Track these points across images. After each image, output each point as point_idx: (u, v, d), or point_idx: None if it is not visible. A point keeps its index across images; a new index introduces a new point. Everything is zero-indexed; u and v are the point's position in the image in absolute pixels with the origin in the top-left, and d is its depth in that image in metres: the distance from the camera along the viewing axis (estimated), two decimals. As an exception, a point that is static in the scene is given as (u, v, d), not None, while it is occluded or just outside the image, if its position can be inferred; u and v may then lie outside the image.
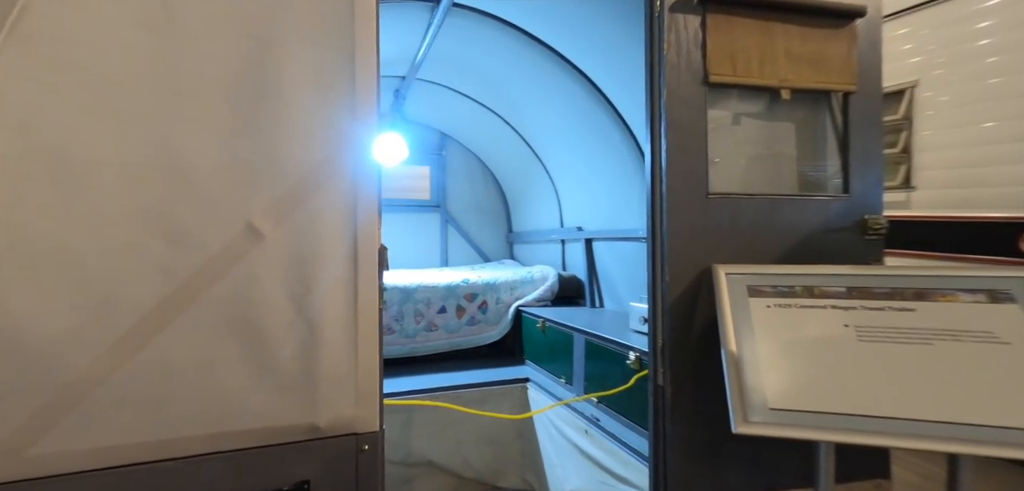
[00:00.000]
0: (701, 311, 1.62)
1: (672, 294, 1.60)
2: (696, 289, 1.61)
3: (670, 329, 1.60)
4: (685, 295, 1.61)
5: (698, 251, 1.63)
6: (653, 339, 1.66)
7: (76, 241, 1.07)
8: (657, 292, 1.64)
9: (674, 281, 1.60)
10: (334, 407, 1.26)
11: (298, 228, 1.23)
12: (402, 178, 5.33)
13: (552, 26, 3.13)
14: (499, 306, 3.80)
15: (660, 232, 1.63)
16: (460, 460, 3.18)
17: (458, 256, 5.48)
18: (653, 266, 1.66)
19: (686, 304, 1.60)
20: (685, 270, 1.61)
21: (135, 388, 1.10)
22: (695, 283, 1.62)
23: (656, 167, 1.66)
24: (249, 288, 1.19)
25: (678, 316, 1.60)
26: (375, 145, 1.31)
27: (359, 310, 1.28)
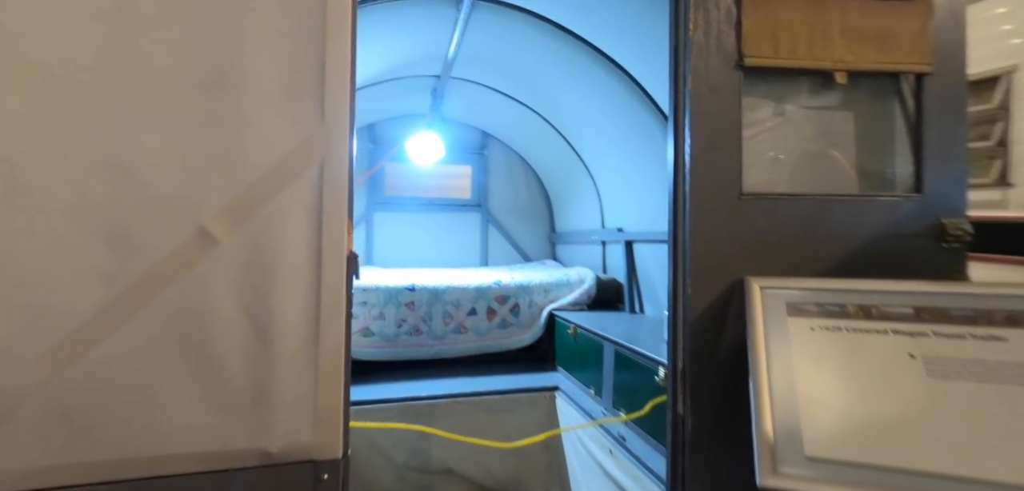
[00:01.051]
0: (730, 331, 1.37)
1: (695, 309, 1.36)
2: (724, 304, 1.37)
3: (692, 350, 1.36)
4: (711, 311, 1.37)
5: (727, 260, 1.38)
6: (673, 361, 1.43)
7: (7, 242, 1.00)
8: (678, 307, 1.41)
9: (698, 294, 1.37)
10: (289, 432, 1.14)
11: (256, 233, 1.12)
12: (442, 177, 5.26)
13: (584, 17, 2.92)
14: (532, 309, 3.62)
15: (682, 238, 1.39)
16: (481, 469, 3.04)
17: (499, 256, 5.35)
18: (674, 277, 1.43)
19: (712, 321, 1.36)
20: (711, 282, 1.37)
21: (70, 405, 1.02)
22: (723, 297, 1.37)
23: (678, 163, 1.43)
24: (198, 298, 1.09)
25: (702, 335, 1.36)
26: (347, 144, 1.17)
27: (321, 324, 1.15)
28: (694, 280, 1.36)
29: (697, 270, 1.36)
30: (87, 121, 1.04)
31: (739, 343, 1.32)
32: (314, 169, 1.14)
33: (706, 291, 1.36)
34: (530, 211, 5.45)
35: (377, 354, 3.35)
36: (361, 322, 3.34)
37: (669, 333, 1.43)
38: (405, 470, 2.94)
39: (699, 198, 1.37)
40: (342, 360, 1.18)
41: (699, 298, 1.36)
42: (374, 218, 5.00)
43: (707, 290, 1.36)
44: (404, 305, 3.42)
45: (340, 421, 1.18)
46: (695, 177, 1.37)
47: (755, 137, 1.49)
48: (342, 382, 1.18)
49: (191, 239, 1.08)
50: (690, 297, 1.35)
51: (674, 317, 1.42)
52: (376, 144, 4.94)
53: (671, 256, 1.43)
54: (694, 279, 1.36)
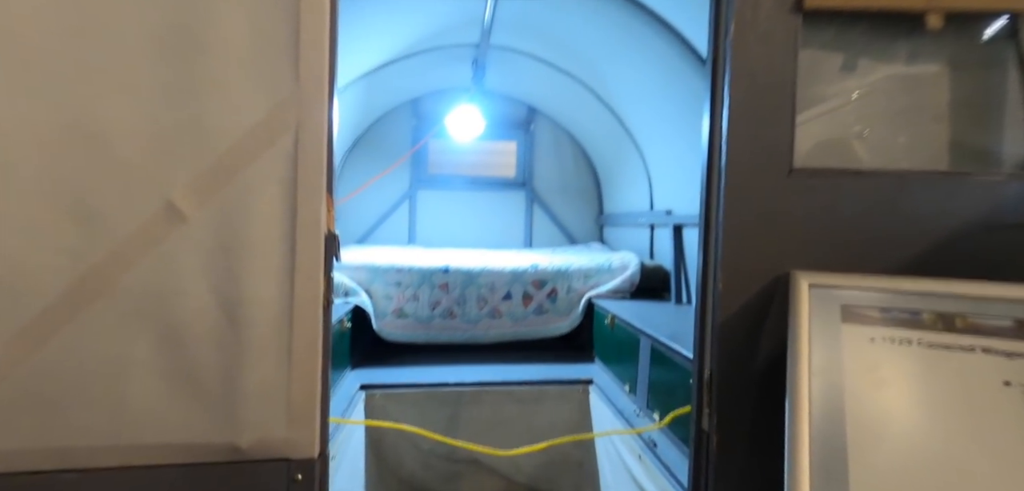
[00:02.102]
0: (770, 335, 1.15)
1: (726, 308, 1.15)
2: (763, 303, 1.15)
3: (721, 356, 1.16)
4: (746, 311, 1.15)
5: (770, 250, 1.16)
6: (698, 367, 1.23)
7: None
8: (707, 304, 1.20)
9: (730, 290, 1.16)
10: (260, 426, 1.05)
11: (225, 209, 1.03)
12: (485, 154, 5.14)
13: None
14: (570, 295, 3.45)
15: (715, 222, 1.18)
16: (509, 462, 2.93)
17: (543, 237, 5.18)
18: (703, 268, 1.22)
19: (746, 323, 1.15)
20: (748, 275, 1.16)
21: (36, 388, 0.98)
22: (763, 295, 1.15)
23: (714, 131, 1.21)
24: (166, 278, 1.01)
25: (734, 339, 1.16)
26: (326, 110, 1.06)
27: (296, 310, 1.05)
28: (727, 273, 1.14)
29: (731, 261, 1.15)
30: (50, 85, 0.98)
31: (780, 351, 1.11)
32: (288, 138, 1.03)
33: (741, 286, 1.15)
34: (577, 191, 5.23)
35: (410, 336, 3.31)
36: (395, 303, 3.30)
37: (695, 334, 1.23)
38: (430, 457, 2.88)
39: (737, 174, 1.15)
40: (319, 352, 1.07)
41: (732, 294, 1.15)
42: (417, 196, 4.97)
43: (742, 285, 1.15)
44: (438, 287, 3.35)
45: (316, 418, 1.08)
46: (733, 148, 1.15)
47: (814, 99, 1.24)
48: (319, 376, 1.08)
49: (158, 214, 1.01)
50: (721, 293, 1.14)
51: (702, 316, 1.21)
52: (419, 119, 4.87)
53: (701, 244, 1.22)
54: (727, 271, 1.14)
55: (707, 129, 1.23)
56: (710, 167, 1.20)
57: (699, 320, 1.22)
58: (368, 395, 2.77)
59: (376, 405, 2.79)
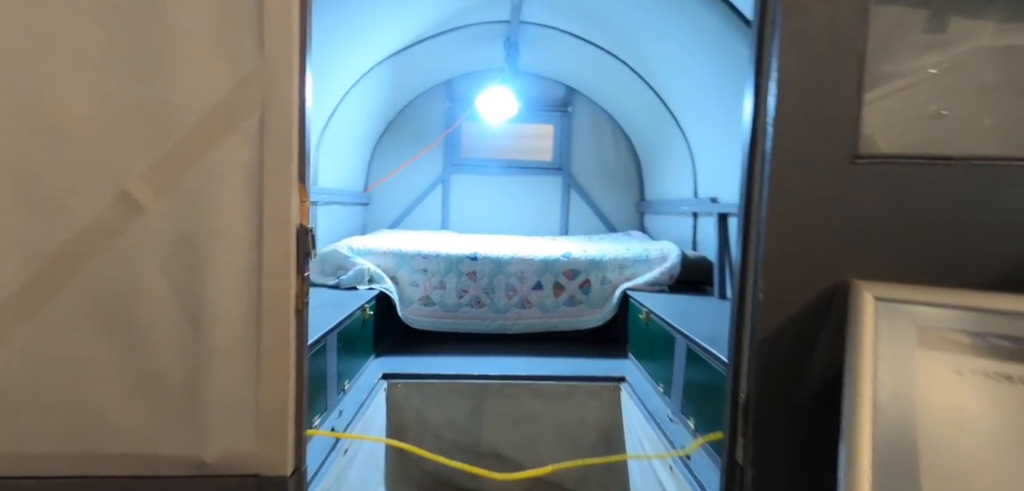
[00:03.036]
0: (822, 356, 0.95)
1: (768, 321, 0.96)
2: (814, 317, 0.95)
3: (760, 378, 0.97)
4: (793, 326, 0.95)
5: (825, 251, 0.95)
6: (732, 389, 1.04)
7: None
8: (744, 315, 1.01)
9: (774, 300, 0.96)
10: (226, 439, 0.95)
11: (186, 199, 0.92)
12: (521, 137, 4.97)
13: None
14: (604, 287, 3.26)
15: (756, 216, 0.98)
16: (534, 458, 2.79)
17: (580, 224, 4.98)
18: (742, 272, 1.02)
19: (792, 340, 0.95)
20: (796, 282, 0.95)
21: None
22: (814, 307, 0.95)
23: (759, 108, 1.00)
24: (125, 275, 0.92)
25: (776, 359, 0.96)
26: (296, 86, 0.93)
27: (264, 312, 0.94)
28: (770, 278, 0.95)
29: (776, 264, 0.95)
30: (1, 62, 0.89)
31: (834, 377, 0.91)
32: (253, 119, 0.91)
33: (787, 295, 0.95)
34: (617, 176, 4.98)
35: (437, 325, 3.21)
36: (421, 291, 3.21)
37: (730, 349, 1.04)
38: (453, 449, 2.78)
39: (786, 159, 0.94)
40: (291, 359, 0.96)
41: (776, 305, 0.95)
42: (450, 180, 4.86)
43: (789, 294, 0.95)
44: (465, 275, 3.23)
45: (289, 431, 0.97)
46: (782, 127, 0.94)
47: (887, 68, 1.00)
48: (291, 386, 0.96)
49: (114, 204, 0.91)
50: (762, 302, 0.95)
51: (738, 328, 1.02)
52: (453, 102, 4.75)
53: (740, 241, 1.03)
54: (770, 277, 0.94)
55: (750, 106, 1.02)
56: (753, 151, 0.99)
57: (734, 333, 1.03)
58: (390, 384, 2.70)
59: (398, 394, 2.71)
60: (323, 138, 3.42)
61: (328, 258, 3.11)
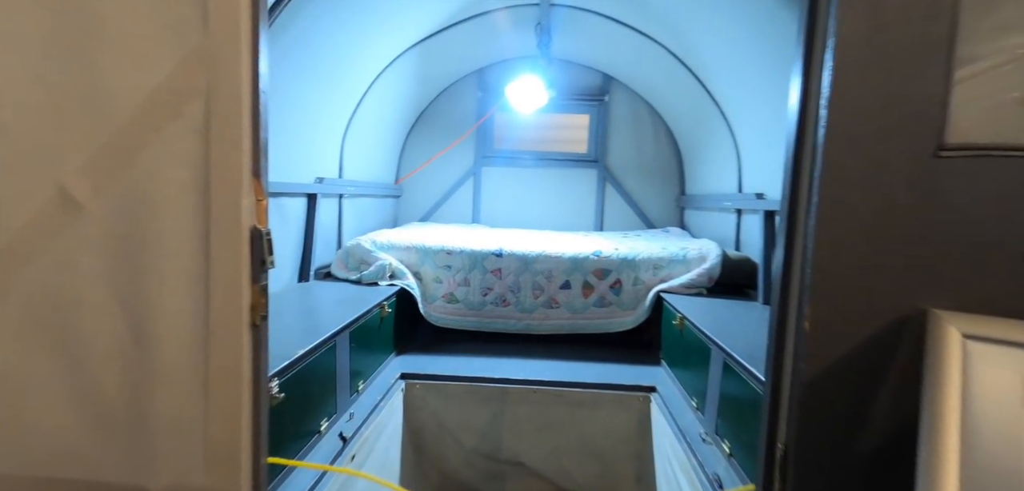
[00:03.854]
0: (886, 407, 0.74)
1: (814, 357, 0.76)
2: (877, 355, 0.74)
3: (803, 427, 0.77)
4: (847, 364, 0.75)
5: (893, 270, 0.74)
6: (768, 436, 0.84)
7: None
8: (784, 347, 0.82)
9: (823, 331, 0.76)
10: (173, 468, 0.84)
11: (127, 198, 0.81)
12: (555, 128, 4.77)
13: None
14: (637, 288, 3.05)
15: (803, 223, 0.79)
16: (558, 469, 2.64)
17: (616, 220, 4.75)
18: (782, 293, 0.83)
19: (846, 383, 0.75)
20: (852, 309, 0.75)
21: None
22: (877, 342, 0.74)
23: (809, 88, 0.80)
24: (64, 281, 0.82)
25: (825, 404, 0.76)
26: (248, 65, 0.80)
27: (212, 328, 0.82)
28: (818, 303, 0.75)
29: (827, 286, 0.75)
30: None
31: (902, 431, 0.70)
32: (197, 105, 0.79)
33: (841, 325, 0.75)
34: (656, 169, 4.72)
35: (460, 323, 3.09)
36: (445, 287, 3.10)
37: (767, 389, 0.85)
38: (473, 455, 2.67)
39: (842, 151, 0.74)
40: (244, 380, 0.84)
41: (827, 337, 0.75)
42: (482, 173, 4.73)
43: (844, 324, 0.75)
44: (490, 272, 3.09)
45: (243, 461, 0.85)
46: (840, 111, 0.74)
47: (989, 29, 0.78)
48: (245, 410, 0.84)
49: (52, 201, 0.81)
50: (808, 335, 0.75)
51: (776, 363, 0.83)
52: (485, 91, 4.60)
53: (783, 254, 0.83)
54: (818, 301, 0.75)
55: (798, 85, 0.82)
56: (800, 142, 0.80)
57: (772, 367, 0.84)
58: (408, 385, 2.60)
59: (416, 396, 2.61)
60: (349, 129, 3.35)
61: (352, 252, 3.04)
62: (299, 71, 2.44)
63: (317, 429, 1.85)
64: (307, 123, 2.75)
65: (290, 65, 2.34)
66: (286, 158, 2.59)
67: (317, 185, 2.90)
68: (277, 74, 2.27)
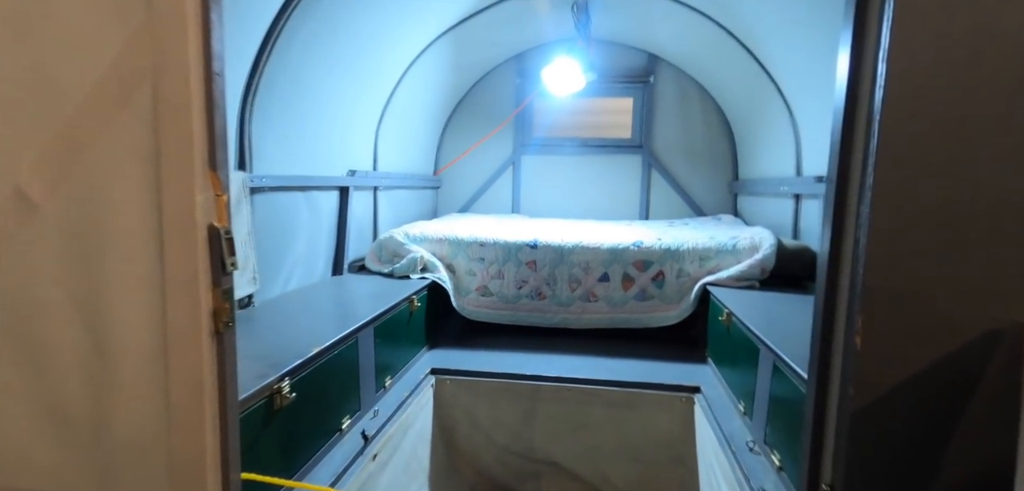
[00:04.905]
0: (966, 443, 0.57)
1: (866, 383, 0.60)
2: (954, 380, 0.57)
3: (852, 465, 0.61)
4: (913, 393, 0.59)
5: (976, 278, 0.57)
6: (811, 474, 0.69)
7: None
8: (830, 369, 0.65)
9: (879, 349, 0.60)
10: (138, 484, 0.79)
11: (79, 194, 0.76)
12: (597, 113, 4.58)
13: None
14: (681, 280, 2.84)
15: (852, 218, 0.62)
16: (595, 471, 2.50)
17: (663, 207, 4.51)
18: (826, 300, 0.67)
19: (911, 414, 0.59)
20: (919, 324, 0.58)
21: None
22: (955, 365, 0.57)
23: (862, 39, 0.63)
24: (23, 283, 0.79)
25: (880, 439, 0.60)
26: (199, 46, 0.72)
27: (169, 338, 0.75)
28: (873, 316, 0.59)
29: (883, 294, 0.59)
30: None
31: (989, 480, 0.53)
32: (144, 91, 0.72)
33: (904, 343, 0.58)
34: (706, 152, 4.43)
35: (494, 317, 3.01)
36: (478, 280, 3.01)
37: (809, 418, 0.69)
38: (506, 453, 2.58)
39: (906, 118, 0.57)
40: (206, 394, 0.77)
41: (882, 359, 0.59)
42: (521, 162, 4.61)
43: (907, 341, 0.58)
44: (525, 264, 2.98)
45: (210, 479, 0.78)
46: (902, 71, 0.57)
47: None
48: (209, 425, 0.78)
49: (8, 201, 0.77)
50: (858, 353, 0.59)
51: (820, 387, 0.67)
52: (523, 78, 4.47)
53: (829, 251, 0.67)
54: (873, 314, 0.59)
55: (850, 37, 0.65)
56: (851, 106, 0.63)
57: (815, 394, 0.68)
58: (438, 381, 2.54)
59: (446, 392, 2.55)
60: (382, 120, 3.32)
61: (385, 244, 3.01)
62: (325, 60, 2.41)
63: (338, 427, 1.81)
64: (338, 114, 2.72)
65: (314, 54, 2.30)
66: (316, 151, 2.57)
67: (349, 178, 2.88)
68: (301, 64, 2.24)
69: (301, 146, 2.43)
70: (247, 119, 2.02)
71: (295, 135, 2.37)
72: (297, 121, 2.37)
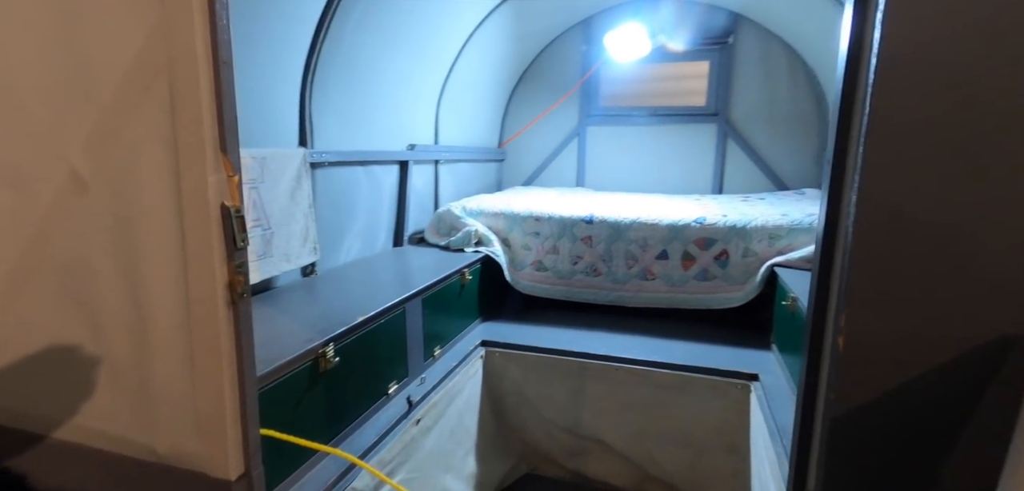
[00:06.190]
0: (962, 463, 0.50)
1: (846, 389, 0.54)
2: (950, 393, 0.50)
3: (829, 473, 0.56)
4: (895, 403, 0.52)
5: (978, 273, 0.49)
6: (797, 475, 0.63)
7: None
8: (819, 369, 0.59)
9: (861, 352, 0.53)
10: (173, 433, 0.90)
11: (117, 176, 0.86)
12: (668, 79, 4.34)
13: None
14: (747, 260, 2.67)
15: (846, 200, 0.55)
16: (643, 453, 2.46)
17: (738, 181, 4.23)
18: (819, 293, 0.60)
19: (894, 428, 0.52)
20: (906, 327, 0.51)
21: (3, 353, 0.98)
22: (949, 372, 0.50)
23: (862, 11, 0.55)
24: (80, 254, 0.91)
25: (860, 452, 0.54)
26: (206, 36, 0.78)
27: (190, 305, 0.84)
28: (854, 316, 0.52)
29: (866, 290, 0.52)
30: None
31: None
32: (163, 80, 0.79)
33: (888, 349, 0.51)
34: (792, 119, 4.07)
35: (549, 292, 3.00)
36: (533, 254, 3.02)
37: (796, 420, 0.63)
38: (553, 428, 2.60)
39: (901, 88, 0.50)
40: (224, 357, 0.85)
41: (864, 364, 0.52)
42: (586, 133, 4.50)
43: (891, 347, 0.51)
44: (580, 239, 2.94)
45: (231, 433, 0.87)
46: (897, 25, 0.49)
47: None
48: (231, 384, 0.86)
49: (66, 182, 0.89)
50: (841, 357, 0.53)
51: (808, 390, 0.61)
52: (590, 44, 4.32)
53: (822, 245, 0.60)
54: (854, 314, 0.52)
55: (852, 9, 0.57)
56: (850, 78, 0.55)
57: (804, 393, 0.62)
58: (487, 353, 2.60)
59: (495, 363, 2.61)
60: (443, 93, 3.38)
61: (442, 217, 3.10)
62: (380, 38, 2.48)
63: (384, 392, 1.92)
64: (396, 89, 2.81)
65: (370, 31, 2.38)
66: (376, 126, 2.68)
67: (408, 152, 2.97)
68: (357, 42, 2.33)
69: (361, 122, 2.54)
70: (307, 98, 2.14)
71: (355, 111, 2.48)
72: (356, 98, 2.47)
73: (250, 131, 1.94)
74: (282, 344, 1.47)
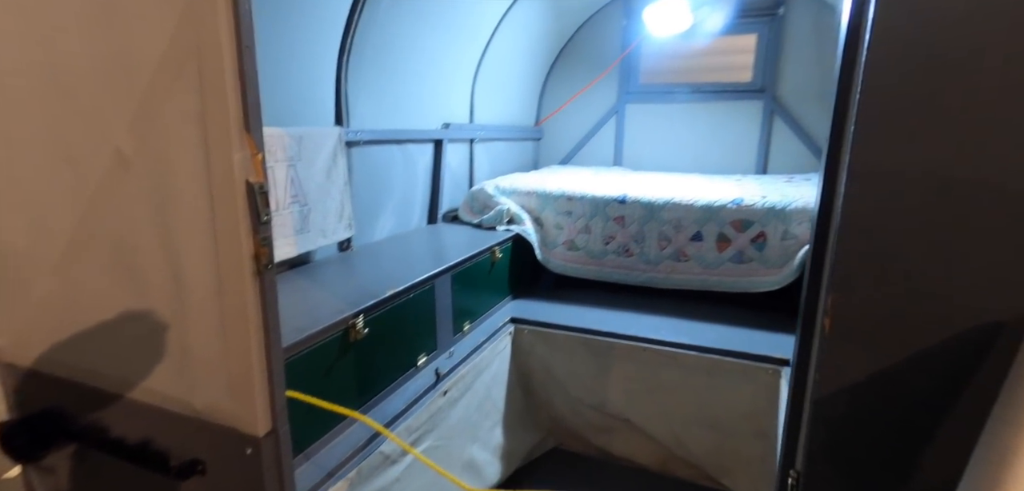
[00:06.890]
0: (945, 452, 0.49)
1: (829, 370, 0.54)
2: (935, 379, 0.49)
3: (813, 454, 0.56)
4: (880, 387, 0.51)
5: (969, 256, 0.47)
6: (784, 457, 0.63)
7: (16, 169, 1.08)
8: (810, 349, 0.59)
9: (847, 333, 0.53)
10: (209, 391, 0.98)
11: (155, 154, 0.93)
12: (710, 54, 4.19)
13: None
14: (786, 242, 2.59)
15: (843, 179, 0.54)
16: (669, 434, 2.45)
17: (784, 160, 4.07)
18: (813, 272, 0.60)
19: (877, 413, 0.52)
20: (892, 311, 0.50)
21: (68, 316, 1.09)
22: (935, 358, 0.49)
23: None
24: (127, 228, 0.99)
25: (843, 435, 0.54)
26: (228, 21, 0.83)
27: (220, 275, 0.91)
28: (841, 295, 0.52)
29: (854, 269, 0.51)
30: (19, 22, 1.00)
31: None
32: (192, 65, 0.85)
33: (872, 331, 0.51)
34: (844, 96, 3.85)
35: (580, 272, 3.01)
36: (565, 234, 3.02)
37: (788, 401, 0.63)
38: (580, 405, 2.63)
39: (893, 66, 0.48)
40: (251, 324, 0.92)
41: (850, 345, 0.52)
42: (625, 111, 4.42)
43: (876, 330, 0.50)
44: (612, 219, 2.92)
45: (258, 393, 0.95)
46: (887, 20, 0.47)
47: None
48: (255, 349, 0.93)
49: (112, 160, 0.97)
50: (827, 337, 0.53)
51: (798, 371, 0.60)
52: (630, 19, 4.22)
53: (817, 223, 0.59)
54: (842, 293, 0.52)
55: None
56: (849, 56, 0.54)
57: (795, 373, 0.62)
58: (516, 330, 2.64)
59: (523, 340, 2.65)
60: (479, 71, 3.39)
61: (476, 196, 3.14)
62: (414, 16, 2.51)
63: (413, 363, 1.99)
64: (430, 68, 2.85)
65: (404, 11, 2.42)
66: (410, 105, 2.73)
67: (443, 131, 3.01)
68: (391, 21, 2.37)
69: (396, 101, 2.60)
70: (343, 78, 2.21)
71: (390, 90, 2.54)
72: (391, 77, 2.53)
73: (288, 110, 2.03)
74: (316, 315, 1.55)
